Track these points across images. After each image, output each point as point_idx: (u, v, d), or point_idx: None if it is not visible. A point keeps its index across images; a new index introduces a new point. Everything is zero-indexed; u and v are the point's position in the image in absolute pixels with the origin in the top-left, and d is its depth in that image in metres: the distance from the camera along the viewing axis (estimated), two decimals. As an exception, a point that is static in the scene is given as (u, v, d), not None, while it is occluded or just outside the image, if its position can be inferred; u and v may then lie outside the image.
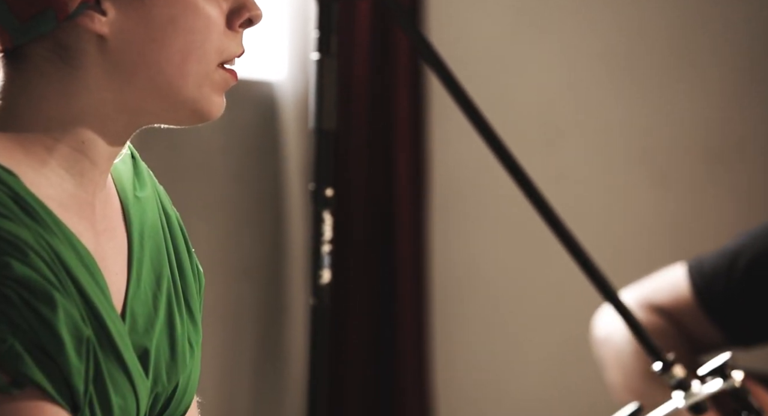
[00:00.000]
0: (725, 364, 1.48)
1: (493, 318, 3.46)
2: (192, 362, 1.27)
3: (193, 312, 1.30)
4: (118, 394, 1.17)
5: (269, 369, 3.28)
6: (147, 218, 1.29)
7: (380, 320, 3.37)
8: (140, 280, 1.25)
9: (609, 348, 1.98)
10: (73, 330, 1.13)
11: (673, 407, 1.51)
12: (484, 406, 3.44)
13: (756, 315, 1.95)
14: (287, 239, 3.29)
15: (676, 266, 2.03)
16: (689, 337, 1.98)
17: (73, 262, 1.16)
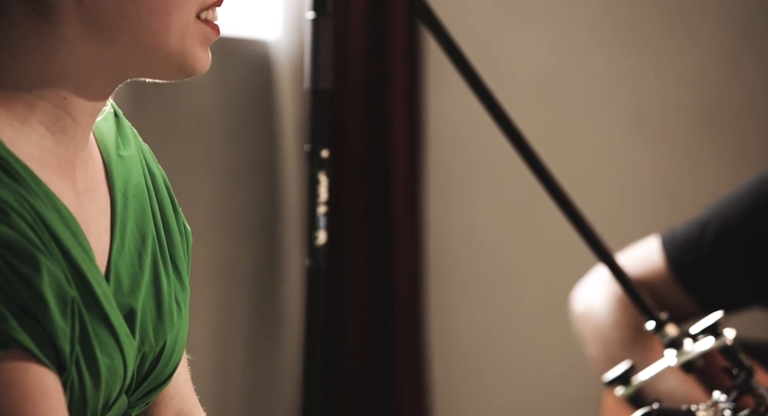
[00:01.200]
0: (717, 323, 1.53)
1: (488, 278, 3.51)
2: (180, 321, 1.28)
3: (180, 271, 1.30)
4: (104, 354, 1.18)
5: (264, 330, 3.31)
6: (131, 177, 1.29)
7: (376, 281, 3.40)
8: (124, 240, 1.26)
9: (588, 322, 2.02)
10: (58, 291, 1.14)
11: (666, 365, 1.55)
12: (479, 364, 3.49)
13: (728, 283, 1.99)
14: (282, 200, 3.32)
15: (651, 238, 2.07)
16: (666, 308, 2.03)
17: (56, 223, 1.17)
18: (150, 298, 1.26)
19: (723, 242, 1.96)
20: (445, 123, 3.46)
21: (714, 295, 2.00)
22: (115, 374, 1.19)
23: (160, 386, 1.28)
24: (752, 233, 1.96)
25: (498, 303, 3.50)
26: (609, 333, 1.99)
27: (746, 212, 1.98)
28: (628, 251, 2.08)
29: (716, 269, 1.98)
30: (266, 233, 3.31)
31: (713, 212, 2.00)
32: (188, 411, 1.36)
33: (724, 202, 2.01)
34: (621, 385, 1.57)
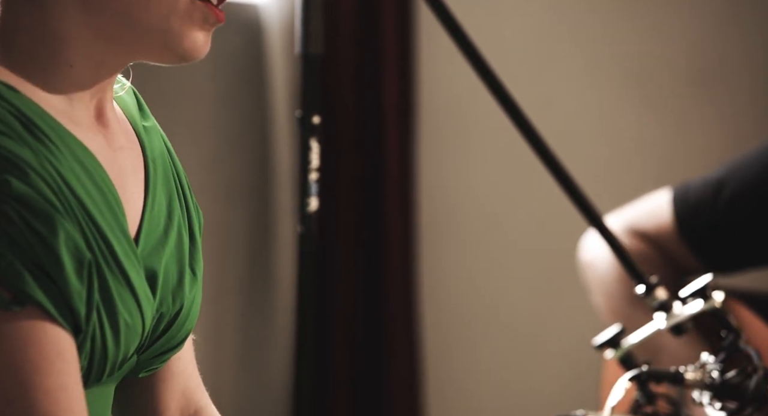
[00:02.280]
0: (706, 286, 1.56)
1: (480, 240, 3.54)
2: (195, 289, 1.32)
3: (196, 242, 1.34)
4: (125, 311, 1.21)
5: (256, 297, 3.35)
6: (155, 145, 1.33)
7: (368, 247, 3.44)
8: (155, 201, 1.29)
9: (593, 273, 2.05)
10: (74, 252, 1.16)
11: (655, 328, 1.59)
12: (471, 328, 3.53)
13: (736, 246, 2.02)
14: (274, 167, 3.34)
15: (663, 191, 2.09)
16: (672, 262, 2.06)
17: (81, 182, 1.20)
18: (173, 261, 1.29)
19: (737, 207, 1.99)
20: (437, 87, 3.48)
21: (720, 257, 2.03)
22: (134, 331, 1.22)
23: (170, 350, 1.32)
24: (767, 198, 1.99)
25: (490, 265, 3.54)
26: (613, 287, 2.01)
27: (763, 175, 2.00)
28: (639, 201, 2.11)
29: (726, 233, 2.00)
30: (257, 200, 3.34)
31: (729, 174, 2.01)
32: (193, 389, 1.40)
33: (741, 163, 2.02)
34: (611, 348, 1.61)
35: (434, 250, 3.52)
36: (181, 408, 1.39)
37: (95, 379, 1.22)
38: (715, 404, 1.53)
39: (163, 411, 1.37)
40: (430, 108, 3.49)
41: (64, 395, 1.14)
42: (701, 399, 1.54)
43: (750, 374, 1.52)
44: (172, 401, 1.38)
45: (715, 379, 1.53)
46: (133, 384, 1.36)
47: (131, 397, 1.37)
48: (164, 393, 1.37)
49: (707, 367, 1.55)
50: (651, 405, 1.56)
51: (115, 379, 1.28)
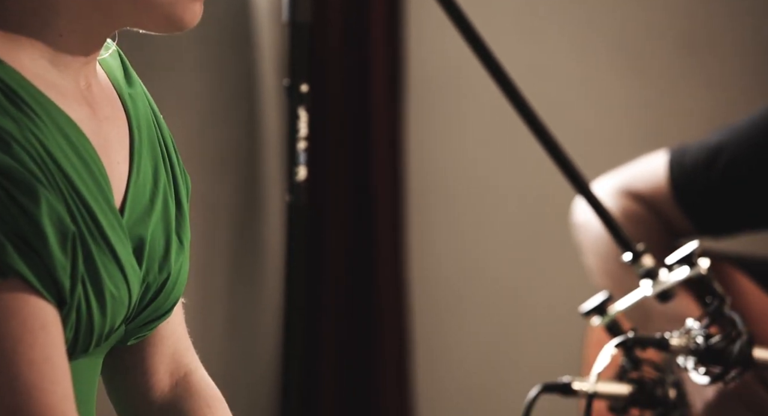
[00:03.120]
0: (692, 253, 1.59)
1: (468, 210, 3.57)
2: (182, 258, 1.33)
3: (183, 210, 1.35)
4: (111, 283, 1.22)
5: (245, 266, 3.38)
6: (140, 112, 1.34)
7: (357, 216, 3.46)
8: (140, 170, 1.30)
9: (586, 234, 2.08)
10: (57, 225, 1.17)
11: (642, 295, 1.63)
12: (460, 296, 3.56)
13: (730, 211, 2.05)
14: (262, 136, 3.36)
15: (659, 153, 2.12)
16: (666, 224, 2.09)
17: (65, 153, 1.20)
18: (159, 230, 1.30)
19: (733, 173, 2.01)
20: (425, 54, 3.50)
21: (714, 222, 2.06)
22: (120, 303, 1.23)
23: (157, 319, 1.33)
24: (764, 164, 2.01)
25: (479, 232, 3.57)
26: (606, 246, 2.04)
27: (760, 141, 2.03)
28: (635, 162, 2.13)
29: (721, 198, 2.03)
30: (246, 169, 3.36)
31: (726, 139, 2.04)
32: (183, 352, 1.41)
33: (739, 129, 2.05)
34: (597, 315, 1.65)
35: (423, 217, 3.55)
36: (171, 371, 1.40)
37: (82, 350, 1.23)
38: (699, 369, 1.57)
39: (153, 374, 1.38)
40: (419, 75, 3.51)
41: (49, 367, 1.15)
42: (686, 364, 1.58)
43: (734, 339, 1.56)
44: (162, 364, 1.39)
45: (700, 344, 1.57)
46: (122, 348, 1.37)
47: (120, 361, 1.38)
48: (153, 357, 1.39)
49: (692, 333, 1.58)
50: (637, 371, 1.59)
51: (102, 350, 1.30)
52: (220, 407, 1.39)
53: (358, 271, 3.46)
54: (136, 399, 1.39)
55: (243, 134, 3.35)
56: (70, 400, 1.17)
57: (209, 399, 1.39)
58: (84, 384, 1.28)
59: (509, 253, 3.56)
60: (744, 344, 1.55)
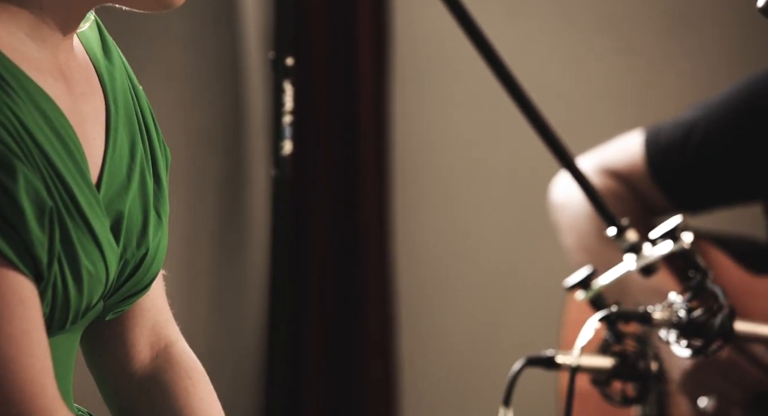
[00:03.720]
0: (676, 227, 1.62)
1: (454, 184, 3.59)
2: (161, 233, 1.33)
3: (162, 184, 1.35)
4: (88, 260, 1.22)
5: (231, 240, 3.39)
6: (117, 85, 1.33)
7: (343, 190, 3.48)
8: (116, 145, 1.30)
9: (566, 212, 2.11)
10: (35, 200, 1.17)
11: (625, 269, 1.65)
12: (444, 270, 3.58)
13: (704, 187, 2.08)
14: (247, 110, 3.37)
15: (635, 133, 2.15)
16: (643, 201, 2.12)
17: (42, 130, 1.20)
18: (137, 206, 1.31)
19: (707, 149, 2.04)
20: (411, 27, 3.51)
21: (689, 198, 2.09)
22: (98, 280, 1.24)
23: (137, 293, 1.34)
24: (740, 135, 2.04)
25: (464, 206, 3.59)
26: (584, 223, 2.07)
27: (733, 117, 2.05)
28: (612, 142, 2.16)
29: (696, 174, 2.06)
30: (231, 144, 3.37)
31: (699, 116, 2.07)
32: (163, 324, 1.42)
33: (711, 105, 2.08)
34: (582, 289, 1.67)
35: (409, 192, 3.57)
36: (151, 343, 1.40)
37: (58, 327, 1.24)
38: (681, 342, 1.60)
39: (133, 346, 1.39)
40: (405, 49, 3.52)
41: (27, 341, 1.16)
42: (668, 337, 1.61)
43: (715, 312, 1.59)
44: (142, 336, 1.40)
45: (682, 318, 1.60)
46: (102, 321, 1.37)
47: (99, 333, 1.39)
48: (133, 329, 1.39)
49: (674, 307, 1.61)
50: (619, 344, 1.62)
51: (80, 326, 1.30)
52: (201, 378, 1.40)
53: (343, 246, 3.48)
54: (116, 371, 1.39)
55: (228, 108, 3.36)
56: (50, 374, 1.18)
57: (190, 370, 1.40)
58: (61, 359, 1.28)
59: (494, 229, 3.58)
60: (725, 317, 1.58)
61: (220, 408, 1.39)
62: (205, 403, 1.38)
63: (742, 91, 2.06)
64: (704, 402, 1.95)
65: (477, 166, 3.58)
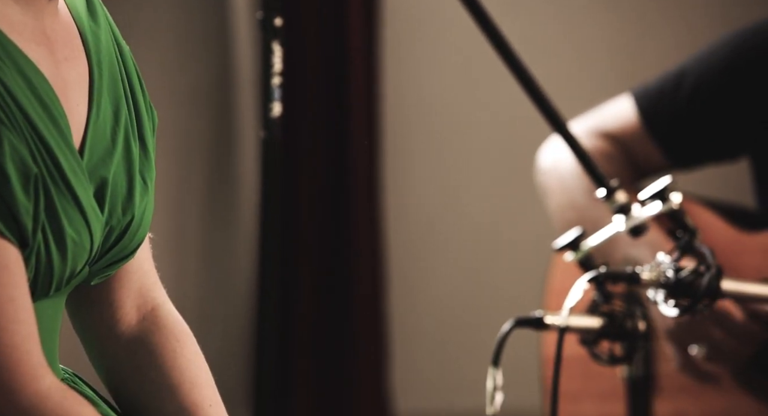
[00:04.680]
0: (665, 188, 1.64)
1: (444, 144, 3.61)
2: (146, 198, 1.33)
3: (148, 148, 1.35)
4: (72, 228, 1.23)
5: (220, 203, 3.41)
6: (102, 48, 1.33)
7: (332, 152, 3.49)
8: (100, 111, 1.30)
9: (555, 173, 2.13)
10: (20, 166, 1.18)
11: (615, 230, 1.68)
12: (434, 231, 3.61)
13: (698, 135, 2.10)
14: (235, 71, 3.38)
15: (622, 96, 2.17)
16: (634, 162, 2.14)
17: (25, 96, 1.20)
18: (121, 171, 1.30)
19: (699, 94, 2.06)
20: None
21: (682, 146, 2.11)
22: (82, 248, 1.25)
23: (123, 259, 1.34)
24: (729, 86, 2.06)
25: (455, 167, 3.61)
26: (573, 181, 2.08)
27: (724, 64, 2.07)
28: (602, 105, 2.18)
29: (689, 120, 2.08)
30: (219, 105, 3.38)
31: (689, 65, 2.09)
32: (150, 287, 1.42)
33: (701, 56, 2.10)
34: (571, 250, 1.69)
35: (399, 152, 3.59)
36: (138, 306, 1.41)
37: (42, 293, 1.25)
38: (669, 301, 1.63)
39: (119, 308, 1.40)
40: (396, 7, 3.52)
41: (12, 307, 1.18)
42: (656, 297, 1.64)
43: (703, 272, 1.61)
44: (128, 298, 1.40)
45: (670, 278, 1.62)
46: (88, 284, 1.38)
47: (85, 296, 1.40)
48: (119, 291, 1.40)
49: (662, 267, 1.63)
50: (608, 305, 1.65)
51: (64, 292, 1.31)
52: (189, 340, 1.40)
53: (333, 206, 3.49)
54: (103, 333, 1.40)
55: (216, 70, 3.36)
56: (35, 339, 1.19)
57: (177, 332, 1.40)
58: (46, 324, 1.29)
59: (484, 188, 3.60)
60: (713, 277, 1.60)
61: (207, 370, 1.40)
62: (193, 364, 1.39)
63: (730, 43, 2.09)
64: (695, 350, 1.98)
65: (468, 125, 3.60)
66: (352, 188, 3.49)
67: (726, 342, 1.95)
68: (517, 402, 2.36)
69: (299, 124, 3.43)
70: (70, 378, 1.36)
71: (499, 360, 1.59)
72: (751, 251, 2.00)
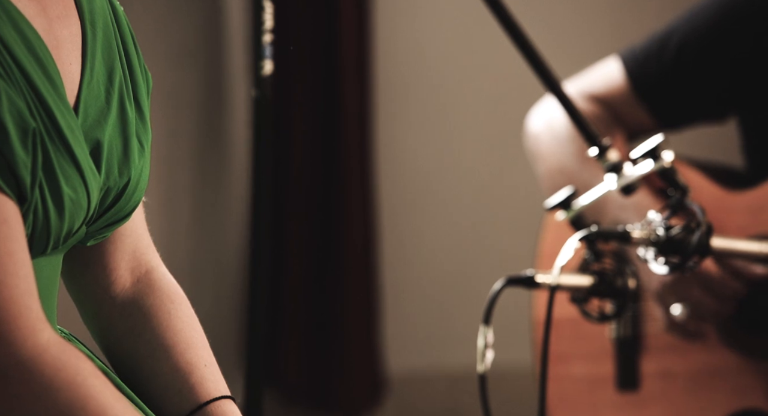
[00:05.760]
0: (657, 146, 1.65)
1: (437, 103, 3.62)
2: (143, 160, 1.34)
3: (143, 110, 1.35)
4: (69, 186, 1.23)
5: (211, 162, 3.41)
6: (96, 8, 1.33)
7: (324, 110, 3.50)
8: (93, 71, 1.30)
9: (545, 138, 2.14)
10: (18, 121, 1.18)
11: (606, 189, 1.69)
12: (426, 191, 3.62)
13: (685, 96, 2.11)
14: (226, 28, 3.37)
15: (610, 58, 2.18)
16: (623, 124, 2.16)
17: (21, 50, 1.20)
18: (117, 133, 1.31)
19: (685, 54, 2.07)
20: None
21: (669, 107, 2.13)
22: (79, 206, 1.25)
23: (119, 221, 1.35)
24: (715, 45, 2.07)
25: (447, 126, 3.62)
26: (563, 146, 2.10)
27: (710, 24, 2.08)
28: (588, 70, 2.20)
29: (676, 81, 2.09)
30: (210, 64, 3.38)
31: (676, 25, 2.10)
32: (143, 250, 1.43)
33: (686, 16, 2.11)
34: (562, 210, 1.71)
35: (391, 110, 3.59)
36: (132, 268, 1.42)
37: (39, 251, 1.25)
38: (659, 259, 1.64)
39: (113, 270, 1.41)
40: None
41: (11, 261, 1.18)
42: (646, 255, 1.65)
43: (693, 229, 1.63)
44: (122, 261, 1.41)
45: (661, 236, 1.64)
46: (82, 246, 1.39)
47: (80, 259, 1.41)
48: (114, 254, 1.41)
49: (653, 225, 1.65)
50: (598, 263, 1.66)
51: (61, 251, 1.32)
52: (182, 303, 1.41)
53: (324, 163, 3.51)
54: (98, 296, 1.41)
55: (206, 27, 3.36)
56: (34, 295, 1.20)
57: (171, 295, 1.42)
58: (44, 282, 1.30)
59: (477, 146, 3.62)
60: (703, 234, 1.62)
61: (201, 331, 1.41)
62: (187, 326, 1.40)
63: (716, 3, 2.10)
64: (678, 310, 2.00)
65: (461, 82, 3.60)
66: (344, 145, 3.49)
67: (708, 301, 1.97)
68: (507, 360, 2.39)
69: (290, 82, 3.43)
70: (66, 337, 1.37)
71: (490, 319, 1.61)
72: (736, 210, 2.02)
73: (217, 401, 1.36)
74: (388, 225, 3.60)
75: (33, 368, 1.18)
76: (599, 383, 2.11)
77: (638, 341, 2.10)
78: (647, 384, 2.09)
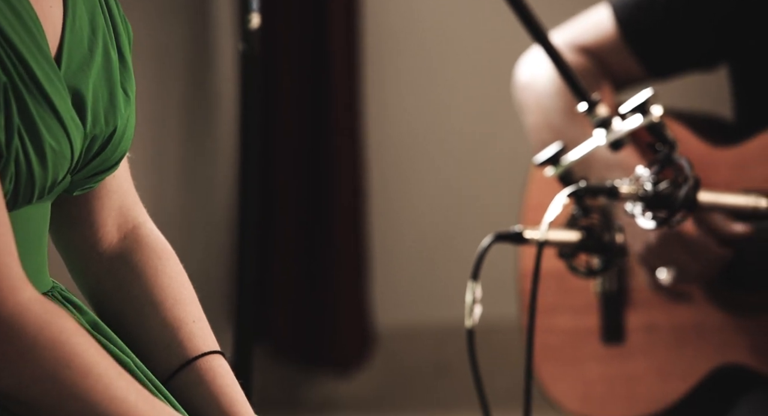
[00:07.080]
0: (646, 101, 1.66)
1: (425, 60, 3.62)
2: (129, 109, 1.32)
3: (126, 60, 1.34)
4: (51, 136, 1.22)
5: (198, 116, 3.42)
6: None
7: (312, 66, 3.50)
8: (75, 17, 1.28)
9: (531, 90, 2.14)
10: None
11: (595, 144, 1.70)
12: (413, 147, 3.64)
13: (676, 43, 2.11)
14: (213, -19, 3.38)
15: (599, 7, 2.18)
16: (612, 75, 2.16)
17: None
18: (102, 81, 1.30)
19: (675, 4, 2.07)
20: None
21: (662, 57, 2.12)
22: (62, 156, 1.24)
23: (105, 170, 1.34)
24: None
25: (435, 84, 3.63)
26: (550, 100, 2.10)
27: None
28: (577, 19, 2.19)
29: (667, 28, 2.09)
30: (196, 16, 3.37)
31: None
32: (130, 206, 1.42)
33: None
34: (551, 165, 1.72)
35: (380, 64, 3.59)
36: (119, 224, 1.42)
37: (24, 201, 1.24)
38: (646, 214, 1.66)
39: (100, 227, 1.40)
40: None
41: None
42: (634, 210, 1.66)
43: (681, 184, 1.64)
44: (109, 217, 1.41)
45: (648, 191, 1.65)
46: (69, 202, 1.39)
47: (67, 214, 1.40)
48: (101, 210, 1.40)
49: (641, 180, 1.66)
50: (586, 219, 1.68)
51: (47, 199, 1.31)
52: (171, 258, 1.41)
53: (312, 120, 3.51)
54: (85, 252, 1.41)
55: (193, -20, 3.35)
56: (13, 254, 1.19)
57: (159, 250, 1.41)
58: (33, 230, 1.30)
59: (463, 102, 3.62)
60: (690, 188, 1.63)
61: (190, 287, 1.41)
62: (175, 282, 1.40)
63: None
64: (663, 274, 2.02)
65: (447, 38, 3.61)
66: (333, 102, 3.50)
67: (692, 264, 1.98)
68: (494, 314, 2.41)
69: (278, 36, 3.43)
70: (57, 288, 1.36)
71: (478, 274, 1.62)
72: (721, 166, 2.03)
73: (205, 356, 1.36)
74: (376, 181, 3.61)
75: (16, 326, 1.17)
76: (584, 335, 2.12)
77: (624, 295, 2.11)
78: (632, 338, 2.10)
